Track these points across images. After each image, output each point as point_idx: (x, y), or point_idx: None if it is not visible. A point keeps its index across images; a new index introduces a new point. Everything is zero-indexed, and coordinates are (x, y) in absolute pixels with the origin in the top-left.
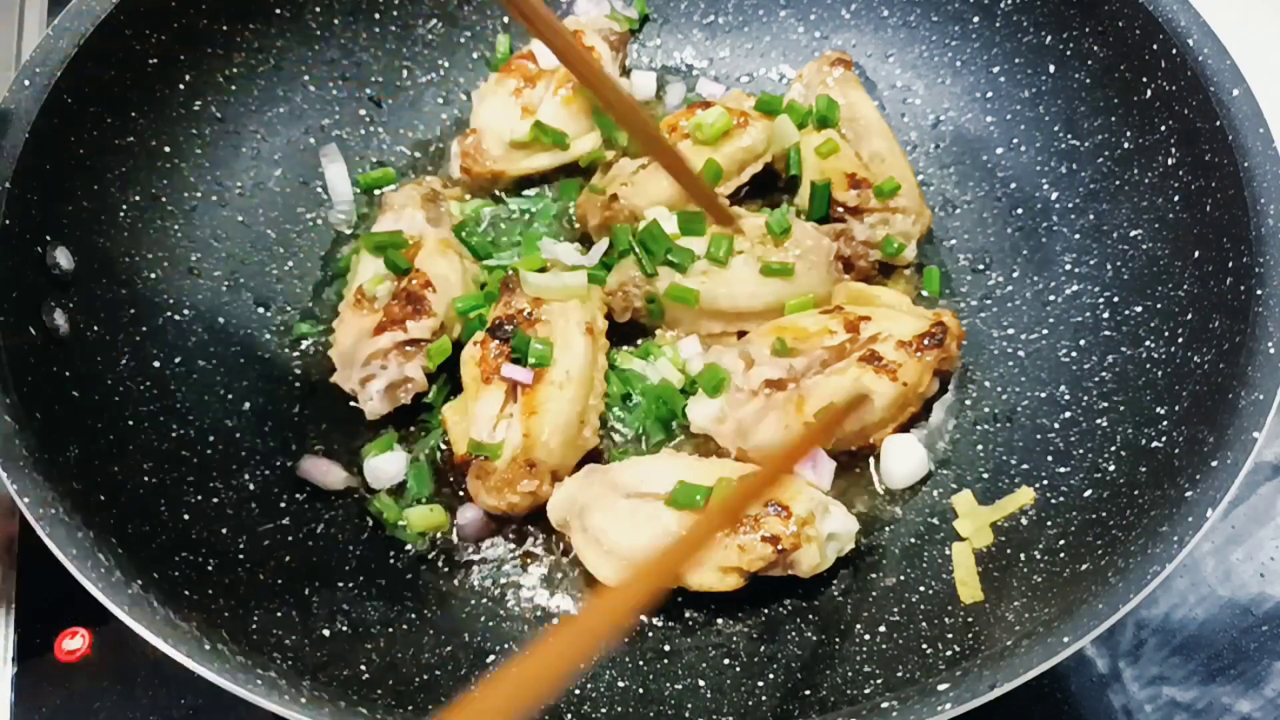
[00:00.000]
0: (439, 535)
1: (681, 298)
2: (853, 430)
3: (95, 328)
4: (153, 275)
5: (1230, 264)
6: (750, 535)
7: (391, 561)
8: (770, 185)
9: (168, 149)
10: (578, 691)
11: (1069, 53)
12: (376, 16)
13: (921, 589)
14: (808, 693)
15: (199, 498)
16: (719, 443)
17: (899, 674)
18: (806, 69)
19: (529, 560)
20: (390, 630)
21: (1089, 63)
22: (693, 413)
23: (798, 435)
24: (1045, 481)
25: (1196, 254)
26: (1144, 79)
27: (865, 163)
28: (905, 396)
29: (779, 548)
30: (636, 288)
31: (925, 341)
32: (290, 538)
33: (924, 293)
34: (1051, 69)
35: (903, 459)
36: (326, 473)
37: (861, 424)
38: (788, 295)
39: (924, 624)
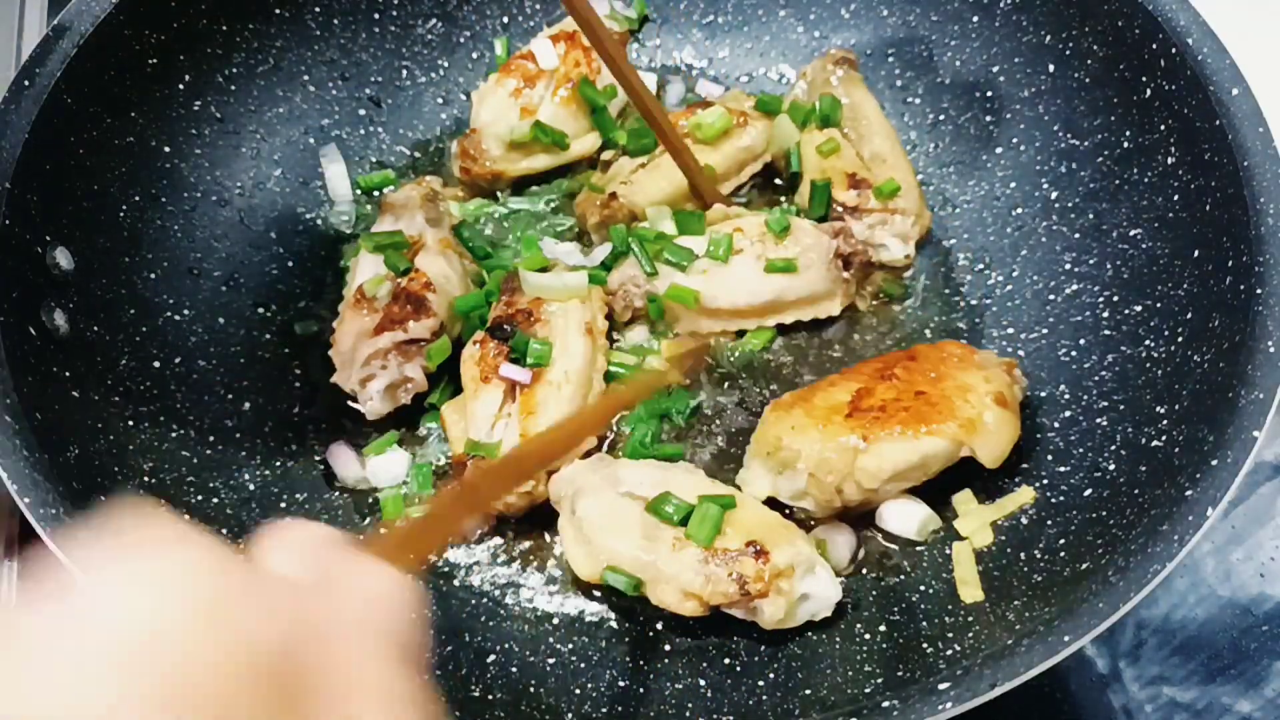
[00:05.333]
0: None
1: (681, 298)
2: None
3: (95, 328)
4: (153, 275)
5: (1230, 263)
6: (719, 568)
7: None
8: (770, 185)
9: (168, 149)
10: (578, 691)
11: (1069, 52)
12: (376, 16)
13: (921, 589)
14: (808, 693)
15: (199, 498)
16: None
17: (899, 673)
18: (810, 67)
19: (528, 560)
20: None
21: (1088, 62)
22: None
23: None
24: (1045, 481)
25: (1196, 253)
26: (1143, 78)
27: (866, 163)
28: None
29: (744, 590)
30: (636, 287)
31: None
32: None
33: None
34: (1051, 68)
35: (903, 519)
36: (347, 464)
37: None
38: (789, 294)
39: (924, 623)
